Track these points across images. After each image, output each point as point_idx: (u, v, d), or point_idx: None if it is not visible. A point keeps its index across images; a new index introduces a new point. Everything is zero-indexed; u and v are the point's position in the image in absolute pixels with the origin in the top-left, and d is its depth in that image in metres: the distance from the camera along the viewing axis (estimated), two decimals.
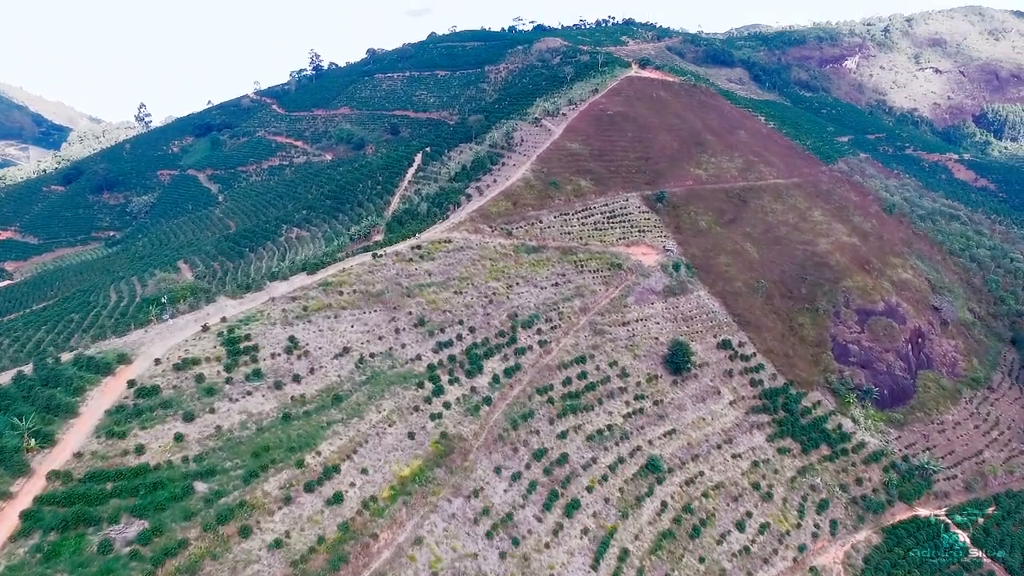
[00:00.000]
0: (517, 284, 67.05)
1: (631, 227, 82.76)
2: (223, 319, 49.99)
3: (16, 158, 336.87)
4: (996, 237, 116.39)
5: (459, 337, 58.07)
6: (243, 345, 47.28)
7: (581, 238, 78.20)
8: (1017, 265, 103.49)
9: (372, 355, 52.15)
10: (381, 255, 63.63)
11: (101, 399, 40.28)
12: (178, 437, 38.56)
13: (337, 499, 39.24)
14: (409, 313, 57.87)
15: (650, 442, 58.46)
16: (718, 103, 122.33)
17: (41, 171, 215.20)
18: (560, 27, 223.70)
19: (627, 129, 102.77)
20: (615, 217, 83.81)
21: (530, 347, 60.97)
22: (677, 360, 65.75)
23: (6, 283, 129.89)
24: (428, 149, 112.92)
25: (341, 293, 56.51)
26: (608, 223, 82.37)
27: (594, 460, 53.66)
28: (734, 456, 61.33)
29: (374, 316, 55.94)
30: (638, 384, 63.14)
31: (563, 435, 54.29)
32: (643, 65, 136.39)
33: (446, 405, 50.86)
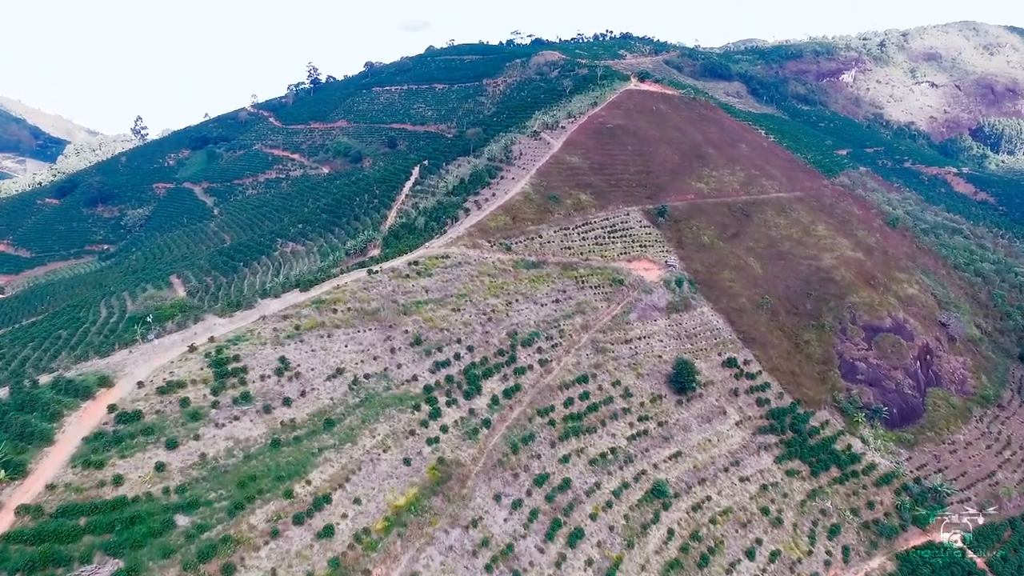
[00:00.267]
0: (516, 301, 65.27)
1: (632, 242, 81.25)
2: (211, 339, 48.03)
3: (13, 171, 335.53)
4: (999, 251, 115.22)
5: (457, 356, 56.12)
6: (231, 367, 45.27)
7: (582, 253, 76.61)
8: (1022, 279, 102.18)
9: (366, 376, 50.15)
10: (377, 271, 61.86)
11: (79, 425, 38.17)
12: (159, 466, 36.42)
13: (328, 532, 37.05)
14: (405, 331, 55.97)
15: (655, 465, 56.36)
16: (718, 116, 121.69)
17: (36, 184, 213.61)
18: (558, 41, 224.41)
19: (627, 142, 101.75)
20: (616, 232, 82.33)
21: (530, 366, 59.03)
22: (682, 379, 63.85)
23: None
24: (426, 162, 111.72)
25: (335, 311, 54.61)
26: (609, 238, 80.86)
27: (597, 485, 51.52)
28: (742, 479, 59.21)
29: (369, 335, 54.01)
30: (642, 404, 61.15)
31: (565, 459, 52.18)
32: (642, 78, 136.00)
33: (443, 428, 48.79)
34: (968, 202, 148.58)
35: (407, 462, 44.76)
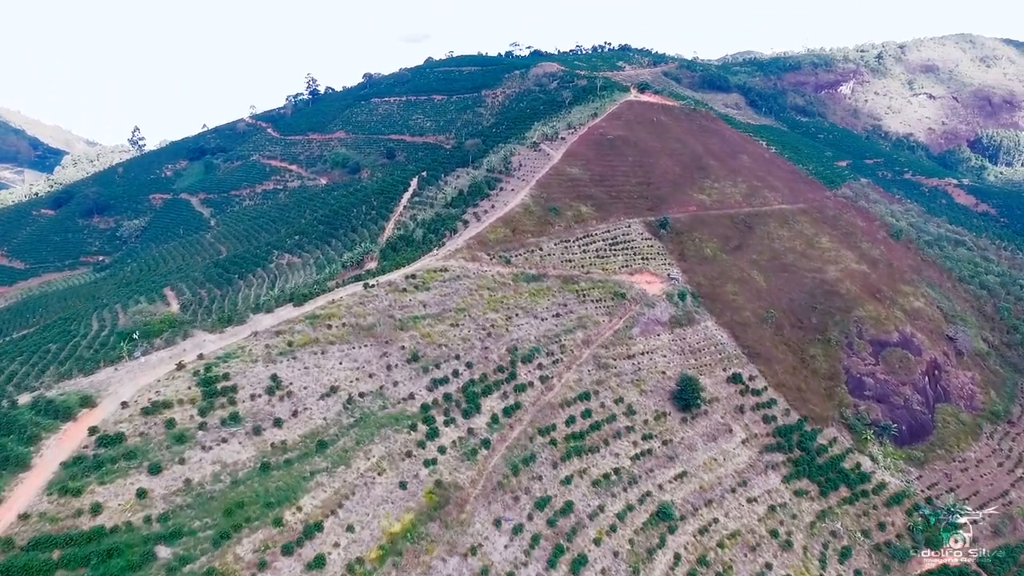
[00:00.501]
0: (516, 315, 63.67)
1: (634, 254, 79.84)
2: (200, 356, 46.31)
3: (11, 181, 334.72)
4: (1003, 263, 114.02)
5: (455, 373, 54.40)
6: (220, 385, 43.51)
7: (583, 266, 75.14)
8: None
9: (361, 395, 48.39)
10: (373, 285, 60.27)
11: (58, 449, 36.35)
12: (141, 493, 34.56)
13: (319, 563, 35.14)
14: (402, 348, 54.27)
15: (660, 486, 54.50)
16: (719, 127, 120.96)
17: (33, 195, 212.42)
18: (557, 53, 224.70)
19: (628, 154, 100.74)
20: (617, 244, 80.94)
21: (531, 383, 57.32)
22: (686, 396, 62.13)
23: None
24: (424, 173, 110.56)
25: (329, 327, 52.95)
26: (610, 250, 79.45)
27: (601, 508, 49.62)
28: (749, 500, 57.32)
29: (364, 351, 52.31)
30: (645, 422, 59.39)
31: (567, 480, 50.31)
32: (642, 89, 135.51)
33: (441, 449, 46.98)
34: (969, 214, 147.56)
35: (403, 486, 42.91)
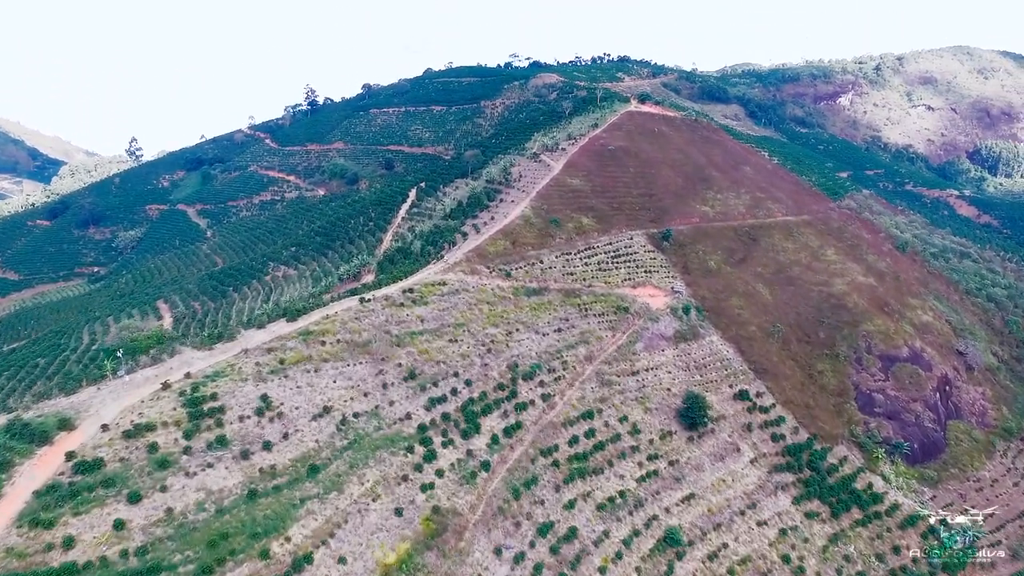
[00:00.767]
0: (517, 330, 61.78)
1: (637, 267, 78.16)
2: (187, 375, 44.32)
3: (10, 192, 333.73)
4: (1009, 275, 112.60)
5: (454, 391, 52.42)
6: (207, 406, 41.50)
7: (584, 279, 73.41)
8: None
9: (356, 415, 46.36)
10: (369, 299, 58.42)
11: (32, 476, 34.25)
12: (118, 524, 32.45)
13: None
14: (399, 365, 52.32)
15: (667, 509, 52.34)
16: (721, 138, 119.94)
17: (29, 205, 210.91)
18: (556, 63, 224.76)
19: (629, 164, 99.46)
20: (620, 256, 79.29)
21: (532, 401, 55.31)
22: (692, 414, 60.12)
23: None
24: (423, 184, 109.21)
25: (323, 343, 51.02)
26: (612, 263, 77.77)
27: (606, 534, 47.45)
28: (759, 523, 55.13)
29: (359, 369, 50.36)
30: (651, 442, 57.33)
31: (571, 505, 48.18)
32: (643, 100, 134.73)
33: (439, 473, 44.89)
34: (972, 225, 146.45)
35: (399, 512, 40.79)
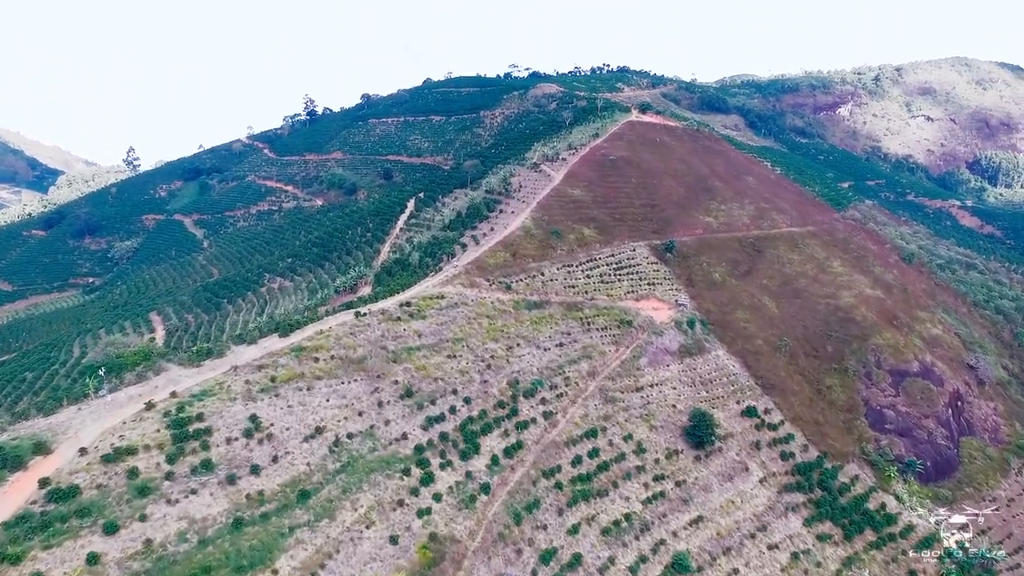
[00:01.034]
0: (518, 345, 59.84)
1: (640, 279, 76.41)
2: (173, 394, 42.34)
3: (8, 201, 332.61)
4: (1016, 287, 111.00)
5: (452, 410, 50.40)
6: (193, 428, 39.47)
7: (586, 292, 71.61)
8: None
9: (350, 435, 44.32)
10: (365, 313, 56.52)
11: (2, 505, 32.16)
12: (92, 558, 30.32)
13: None
14: (395, 382, 50.33)
15: (674, 533, 50.15)
16: (723, 148, 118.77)
17: (26, 215, 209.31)
18: (555, 74, 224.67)
19: (631, 175, 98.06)
20: (622, 268, 77.54)
21: (533, 420, 53.29)
22: (699, 432, 58.08)
23: None
24: (421, 195, 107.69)
25: (316, 360, 49.06)
26: (615, 275, 76.02)
27: (612, 560, 45.26)
28: (770, 547, 52.94)
29: (354, 387, 48.37)
30: (657, 461, 55.25)
31: (574, 529, 46.02)
32: (644, 110, 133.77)
33: (436, 497, 42.78)
34: (975, 236, 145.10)
35: (394, 540, 38.64)
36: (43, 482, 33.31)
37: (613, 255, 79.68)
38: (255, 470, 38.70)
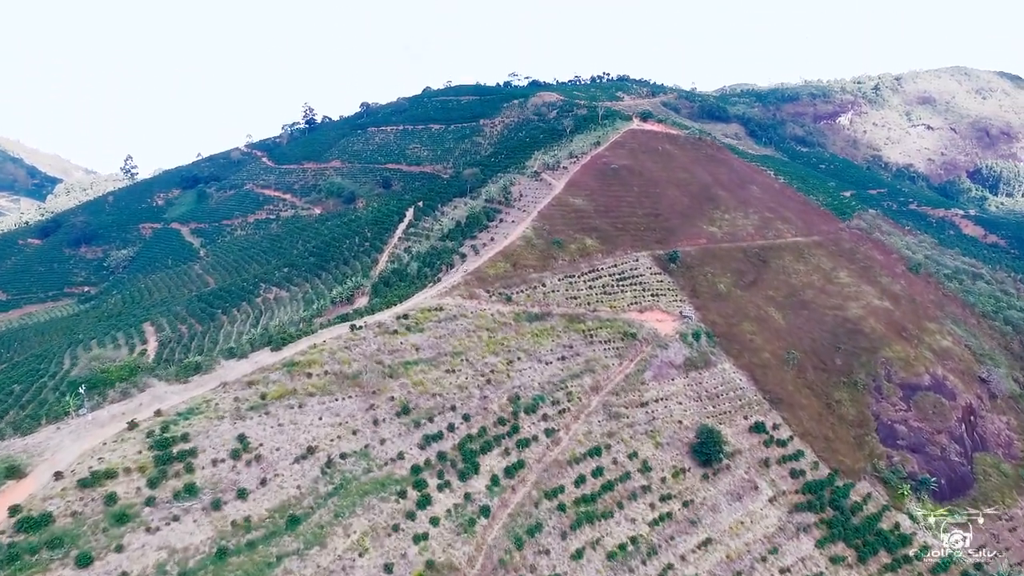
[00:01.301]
0: (519, 359, 57.92)
1: (643, 290, 74.63)
2: (157, 412, 40.36)
3: (7, 209, 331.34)
4: (1023, 297, 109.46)
5: (451, 427, 48.41)
6: (177, 449, 37.48)
7: (589, 303, 69.79)
8: None
9: (343, 455, 42.30)
10: (360, 327, 54.65)
11: None
12: None
13: None
14: (391, 399, 48.37)
15: (682, 557, 48.01)
16: (726, 157, 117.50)
17: (23, 223, 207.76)
18: (555, 82, 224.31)
19: (633, 183, 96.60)
20: (625, 279, 75.79)
21: (535, 437, 51.25)
22: (707, 449, 56.04)
23: None
24: (420, 204, 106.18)
25: (309, 375, 47.13)
26: (618, 286, 74.24)
27: None
28: (782, 571, 50.75)
29: (348, 404, 46.40)
30: (663, 480, 53.17)
31: (579, 554, 43.90)
32: (645, 118, 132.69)
33: (433, 521, 40.71)
34: (979, 245, 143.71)
35: (388, 569, 36.54)
36: (13, 509, 31.28)
37: (616, 265, 77.96)
38: (242, 494, 36.65)
